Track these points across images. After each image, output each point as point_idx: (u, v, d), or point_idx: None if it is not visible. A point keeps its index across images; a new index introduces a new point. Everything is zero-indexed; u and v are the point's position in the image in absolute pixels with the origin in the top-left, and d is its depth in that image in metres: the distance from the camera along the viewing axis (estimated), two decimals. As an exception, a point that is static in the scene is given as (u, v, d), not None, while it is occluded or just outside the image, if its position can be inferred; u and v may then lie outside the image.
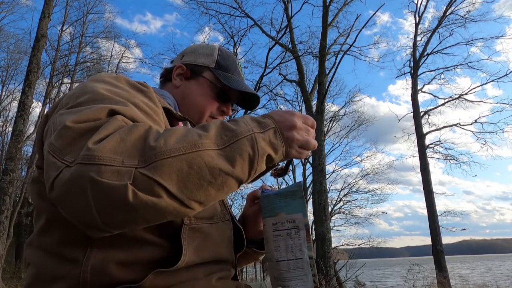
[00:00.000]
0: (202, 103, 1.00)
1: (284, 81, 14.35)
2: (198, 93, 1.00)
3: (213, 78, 1.01)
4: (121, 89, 0.70)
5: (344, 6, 12.63)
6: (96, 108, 0.59)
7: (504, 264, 48.37)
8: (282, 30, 12.29)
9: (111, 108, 0.60)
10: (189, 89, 1.01)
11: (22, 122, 7.52)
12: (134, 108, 0.65)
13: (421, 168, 14.97)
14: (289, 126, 0.68)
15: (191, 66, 1.02)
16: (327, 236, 9.66)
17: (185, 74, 1.02)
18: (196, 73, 1.02)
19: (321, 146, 10.66)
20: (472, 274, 22.29)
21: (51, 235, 0.68)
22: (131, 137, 0.54)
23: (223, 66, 1.03)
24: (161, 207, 0.53)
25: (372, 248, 20.19)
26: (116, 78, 0.74)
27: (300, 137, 0.69)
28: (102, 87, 0.68)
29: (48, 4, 8.27)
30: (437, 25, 15.41)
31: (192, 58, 1.04)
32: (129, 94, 0.69)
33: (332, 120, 20.23)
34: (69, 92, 0.71)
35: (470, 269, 35.54)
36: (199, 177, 0.54)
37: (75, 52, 17.61)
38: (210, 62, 1.02)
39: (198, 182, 0.54)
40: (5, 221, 7.01)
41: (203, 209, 0.61)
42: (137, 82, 0.77)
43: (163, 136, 0.56)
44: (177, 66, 1.03)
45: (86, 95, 0.65)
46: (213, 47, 1.07)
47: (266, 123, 0.66)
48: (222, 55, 1.05)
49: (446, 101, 16.21)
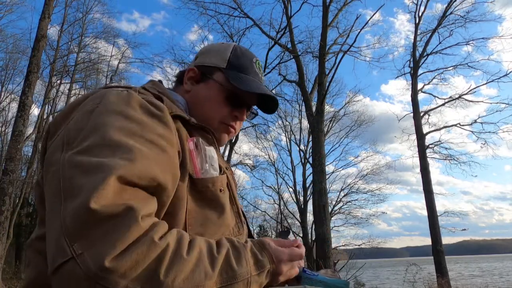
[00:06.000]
0: (211, 108, 0.92)
1: (284, 81, 14.39)
2: (206, 97, 0.92)
3: (223, 79, 0.92)
4: (135, 121, 0.66)
5: (344, 6, 12.64)
6: (106, 179, 0.55)
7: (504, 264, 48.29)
8: (281, 30, 12.32)
9: (121, 175, 0.57)
10: (198, 93, 0.93)
11: (22, 122, 7.52)
12: (148, 152, 0.62)
13: (421, 169, 14.98)
14: (281, 268, 0.72)
15: (203, 68, 0.95)
16: (327, 236, 9.65)
17: (195, 77, 0.95)
18: (206, 75, 0.94)
19: (321, 147, 10.66)
20: (472, 274, 22.25)
21: None
22: (147, 260, 0.53)
23: (236, 66, 0.93)
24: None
25: (372, 248, 20.17)
26: (127, 103, 0.69)
27: (287, 274, 0.74)
28: (114, 124, 0.64)
29: (48, 4, 8.27)
30: (437, 25, 15.43)
31: (205, 59, 0.96)
32: (142, 129, 0.66)
33: (332, 120, 20.23)
34: (77, 118, 0.68)
35: (471, 269, 35.48)
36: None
37: (74, 52, 17.62)
38: (221, 62, 0.93)
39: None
40: (5, 222, 7.00)
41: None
42: (151, 105, 0.72)
43: (176, 269, 0.55)
44: (189, 69, 0.96)
45: (95, 137, 0.62)
46: (228, 45, 0.98)
47: (263, 264, 0.69)
48: (236, 53, 0.95)
49: (446, 101, 16.23)
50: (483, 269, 35.58)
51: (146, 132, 0.65)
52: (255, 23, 12.72)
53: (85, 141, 0.62)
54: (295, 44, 12.30)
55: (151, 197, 0.62)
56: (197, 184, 0.75)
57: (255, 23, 12.72)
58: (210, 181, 0.77)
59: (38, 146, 16.00)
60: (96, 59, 18.25)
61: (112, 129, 0.63)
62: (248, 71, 0.94)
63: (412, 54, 15.87)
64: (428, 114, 16.11)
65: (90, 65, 17.98)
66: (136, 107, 0.69)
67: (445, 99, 16.35)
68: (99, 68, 18.57)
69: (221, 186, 0.80)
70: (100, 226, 0.53)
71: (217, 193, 0.78)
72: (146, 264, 0.53)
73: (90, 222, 0.53)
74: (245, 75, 0.93)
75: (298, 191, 20.26)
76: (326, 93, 11.24)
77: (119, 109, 0.67)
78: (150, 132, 0.66)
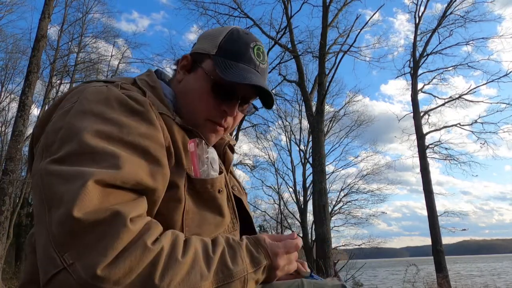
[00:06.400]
0: (195, 102, 0.81)
1: (284, 81, 14.37)
2: (192, 89, 0.82)
3: (210, 67, 0.80)
4: (113, 123, 0.63)
5: (344, 6, 12.64)
6: (87, 187, 0.53)
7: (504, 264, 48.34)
8: (281, 30, 12.32)
9: (102, 179, 0.55)
10: (186, 84, 0.84)
11: (22, 122, 7.52)
12: (129, 157, 0.60)
13: (421, 169, 14.97)
14: (277, 262, 0.71)
15: (195, 56, 0.85)
16: (327, 236, 9.65)
17: (187, 65, 0.85)
18: (197, 63, 0.83)
19: (321, 147, 10.66)
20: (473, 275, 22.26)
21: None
22: (140, 265, 0.52)
23: (227, 51, 0.81)
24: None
25: (372, 248, 20.17)
26: (106, 102, 0.66)
27: (284, 269, 0.73)
28: (90, 128, 0.61)
29: (48, 4, 8.27)
30: (437, 25, 15.42)
31: (199, 44, 0.86)
32: (122, 131, 0.62)
33: (332, 120, 20.22)
34: (55, 120, 0.66)
35: (470, 269, 35.50)
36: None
37: (74, 52, 17.62)
38: (212, 48, 0.82)
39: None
40: (5, 222, 7.00)
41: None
42: (131, 100, 0.68)
43: (171, 273, 0.54)
44: (183, 57, 0.86)
45: (73, 143, 0.59)
46: (224, 28, 0.86)
47: (259, 260, 0.68)
48: (231, 38, 0.83)
49: (446, 101, 16.22)
50: (483, 269, 35.59)
51: (126, 134, 0.63)
52: (255, 23, 12.72)
53: (61, 148, 0.60)
54: (295, 44, 12.30)
55: (139, 197, 0.60)
56: (196, 185, 0.75)
57: (255, 23, 12.72)
58: (209, 182, 0.76)
59: (38, 146, 15.98)
60: (96, 59, 18.24)
61: (89, 134, 0.60)
62: (241, 58, 0.81)
63: (412, 54, 15.86)
64: (428, 114, 16.11)
65: (90, 65, 17.98)
66: (115, 105, 0.66)
67: (445, 99, 16.36)
68: (99, 68, 18.57)
69: (220, 186, 0.79)
70: (87, 234, 0.51)
71: (216, 194, 0.77)
72: (140, 269, 0.52)
73: (77, 231, 0.51)
74: (235, 62, 0.80)
75: (298, 191, 20.27)
76: (326, 93, 11.24)
77: (96, 110, 0.65)
78: (131, 134, 0.63)
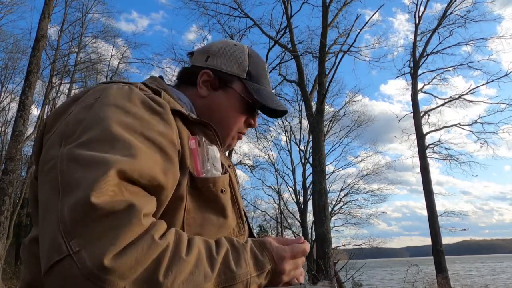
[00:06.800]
0: (231, 118, 0.92)
1: (284, 81, 14.38)
2: (227, 107, 0.91)
3: (244, 90, 0.92)
4: (135, 117, 0.65)
5: (344, 6, 12.64)
6: (107, 174, 0.53)
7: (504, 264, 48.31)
8: (281, 30, 12.32)
9: (122, 169, 0.55)
10: (217, 101, 0.91)
11: (22, 122, 7.52)
12: (147, 150, 0.61)
13: (421, 169, 14.97)
14: (283, 267, 0.70)
15: (219, 74, 0.91)
16: (327, 236, 9.65)
17: (212, 82, 0.92)
18: (225, 83, 0.92)
19: (321, 147, 10.66)
20: (472, 275, 22.25)
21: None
22: (146, 260, 0.51)
23: (254, 76, 0.93)
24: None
25: (372, 248, 20.18)
26: (129, 98, 0.67)
27: (291, 274, 0.72)
28: (114, 117, 0.62)
29: (48, 4, 8.27)
30: (437, 25, 15.42)
31: (220, 63, 0.92)
32: (143, 125, 0.64)
33: (332, 120, 20.23)
34: (76, 112, 0.66)
35: (470, 269, 35.47)
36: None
37: (74, 52, 17.62)
38: (241, 72, 0.92)
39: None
40: (5, 222, 7.00)
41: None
42: (152, 101, 0.70)
43: (175, 270, 0.53)
44: (203, 72, 0.92)
45: (95, 130, 0.60)
46: (242, 50, 0.96)
47: (263, 264, 0.67)
48: (253, 62, 0.95)
49: (446, 101, 16.23)
50: (483, 269, 35.59)
51: (146, 130, 0.64)
52: (255, 23, 12.72)
53: (84, 134, 0.60)
54: (295, 44, 12.30)
55: (150, 197, 0.60)
56: (198, 184, 0.73)
57: (255, 23, 12.72)
58: (211, 181, 0.75)
59: (38, 146, 15.96)
60: (96, 59, 18.25)
61: (113, 123, 0.61)
62: (263, 81, 0.95)
63: (412, 54, 15.86)
64: (428, 114, 16.11)
65: (90, 65, 17.99)
66: (137, 102, 0.68)
67: (445, 99, 16.37)
68: (99, 68, 18.57)
69: (223, 186, 0.78)
70: (101, 222, 0.50)
71: (218, 193, 0.76)
72: (146, 264, 0.51)
73: (90, 218, 0.50)
74: (261, 85, 0.94)
75: (298, 191, 20.29)
76: (326, 93, 11.24)
77: (120, 104, 0.65)
78: (151, 130, 0.64)
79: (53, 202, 0.54)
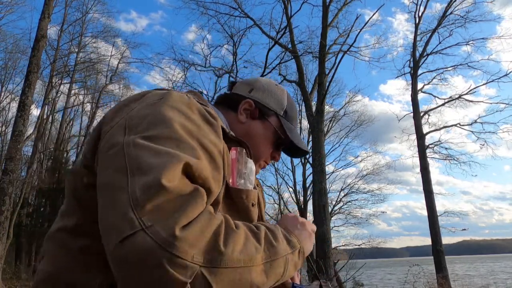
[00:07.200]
0: (262, 147, 0.99)
1: (284, 81, 14.36)
2: (261, 136, 0.99)
3: (279, 126, 1.00)
4: (194, 123, 0.69)
5: (344, 6, 12.64)
6: (175, 162, 0.58)
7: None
8: (281, 30, 12.32)
9: (188, 163, 0.60)
10: (254, 129, 0.98)
11: (22, 122, 7.52)
12: (203, 156, 0.65)
13: (421, 168, 14.98)
14: (308, 245, 0.77)
15: (260, 106, 1.00)
16: (327, 236, 9.65)
17: (252, 112, 0.99)
18: (264, 115, 1.00)
19: (321, 147, 10.66)
20: (472, 275, 22.25)
21: (76, 240, 0.68)
22: (208, 231, 0.56)
23: (289, 116, 1.03)
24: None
25: (372, 248, 20.19)
26: (189, 106, 0.72)
27: (310, 247, 0.80)
28: (177, 120, 0.66)
29: (48, 4, 8.27)
30: (436, 25, 15.43)
31: (262, 97, 1.01)
32: (200, 132, 0.68)
33: (332, 120, 20.23)
34: (140, 108, 0.70)
35: (470, 269, 35.49)
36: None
37: (74, 52, 17.63)
38: (279, 109, 1.01)
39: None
40: (5, 222, 7.01)
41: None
42: (207, 111, 0.75)
43: (233, 240, 0.58)
44: (245, 101, 0.99)
45: (161, 128, 0.64)
46: (283, 91, 1.06)
47: (294, 243, 0.72)
48: (290, 104, 1.04)
49: (446, 101, 16.24)
50: (483, 269, 35.60)
51: (201, 137, 0.67)
52: (255, 23, 12.72)
53: (151, 129, 0.64)
54: (295, 44, 12.29)
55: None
56: (232, 193, 0.77)
57: (255, 23, 12.72)
58: (244, 192, 0.79)
59: (38, 146, 15.99)
60: (96, 59, 18.25)
61: (177, 125, 0.65)
62: (294, 123, 1.05)
63: (412, 54, 15.87)
64: (428, 114, 16.13)
65: (90, 65, 17.99)
66: (195, 111, 0.72)
67: (445, 99, 16.38)
68: (98, 68, 18.57)
69: (254, 200, 0.81)
70: (170, 202, 0.54)
71: (249, 206, 0.80)
72: (209, 234, 0.55)
73: (161, 197, 0.54)
74: (293, 126, 1.04)
75: (298, 191, 20.29)
76: (326, 93, 11.23)
77: (182, 109, 0.70)
78: (205, 138, 0.68)
79: (120, 182, 0.57)
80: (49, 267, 0.70)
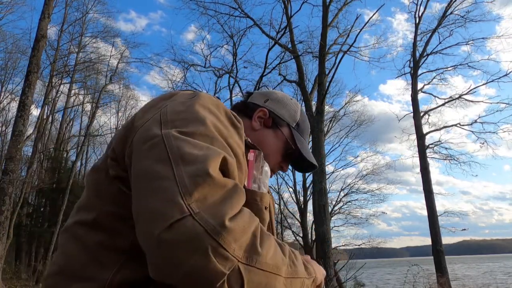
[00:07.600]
0: (272, 155, 1.01)
1: (284, 81, 14.37)
2: (271, 144, 1.01)
3: (290, 137, 1.03)
4: (223, 124, 0.72)
5: (344, 6, 12.63)
6: (216, 156, 0.60)
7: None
8: (281, 30, 12.31)
9: (226, 158, 0.62)
10: (266, 137, 1.01)
11: (22, 122, 7.52)
12: (232, 154, 0.67)
13: (421, 168, 14.98)
14: (320, 278, 0.79)
15: (274, 116, 1.03)
16: (327, 236, 9.65)
17: (266, 120, 1.02)
18: (277, 125, 1.03)
19: (321, 147, 10.66)
20: (473, 275, 22.24)
21: (93, 234, 0.68)
22: (250, 229, 0.57)
23: (301, 129, 1.06)
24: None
25: (372, 248, 20.17)
26: (217, 107, 0.75)
27: (322, 283, 0.81)
28: (210, 119, 0.69)
29: (48, 4, 8.27)
30: (437, 25, 15.43)
31: (277, 108, 1.05)
32: (228, 133, 0.71)
33: (332, 120, 20.23)
34: (173, 105, 0.71)
35: (470, 269, 35.50)
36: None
37: (74, 52, 17.62)
38: (292, 121, 1.05)
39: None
40: (5, 222, 7.01)
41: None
42: (232, 114, 0.78)
43: (267, 244, 0.59)
44: (260, 110, 1.02)
45: (197, 125, 0.66)
46: (297, 105, 1.10)
47: (310, 271, 0.74)
48: (302, 117, 1.08)
49: (446, 101, 16.23)
50: (483, 269, 35.60)
51: (229, 137, 0.70)
52: (255, 23, 12.71)
53: (187, 125, 0.66)
54: (295, 44, 12.28)
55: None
56: (247, 195, 0.77)
57: (255, 23, 12.71)
58: (259, 195, 0.80)
59: (38, 146, 15.99)
60: (95, 59, 18.24)
61: (210, 123, 0.67)
62: (306, 136, 1.08)
63: (412, 54, 15.87)
64: (428, 114, 16.12)
65: (90, 65, 17.99)
66: (223, 112, 0.75)
67: (445, 99, 16.37)
68: (98, 68, 18.57)
69: (266, 204, 0.82)
70: (217, 191, 0.56)
71: (263, 209, 0.81)
72: (250, 232, 0.56)
73: (209, 185, 0.55)
74: (304, 138, 1.06)
75: (298, 191, 20.28)
76: (326, 93, 11.23)
77: (212, 109, 0.73)
78: (232, 139, 0.71)
79: (163, 171, 0.58)
80: (62, 260, 0.70)
